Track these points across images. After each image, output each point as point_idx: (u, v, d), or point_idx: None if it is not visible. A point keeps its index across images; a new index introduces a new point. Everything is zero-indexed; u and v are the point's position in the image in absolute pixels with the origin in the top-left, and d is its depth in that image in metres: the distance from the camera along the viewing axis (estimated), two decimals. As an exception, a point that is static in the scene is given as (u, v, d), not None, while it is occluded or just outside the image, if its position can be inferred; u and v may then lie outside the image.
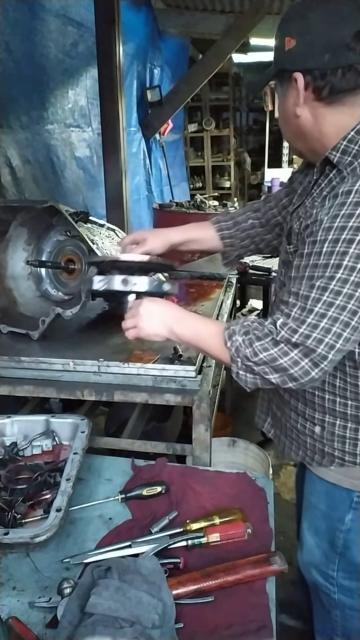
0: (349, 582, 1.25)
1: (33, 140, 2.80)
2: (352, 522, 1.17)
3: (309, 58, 0.90)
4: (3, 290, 1.64)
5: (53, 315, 1.47)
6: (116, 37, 3.02)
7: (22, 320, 1.59)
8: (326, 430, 1.10)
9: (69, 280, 1.66)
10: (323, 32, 0.88)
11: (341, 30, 0.87)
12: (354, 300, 0.84)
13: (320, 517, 1.24)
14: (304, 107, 0.94)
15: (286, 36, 0.92)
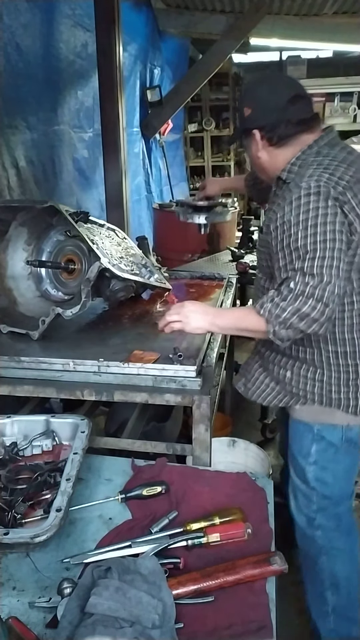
0: (327, 521, 1.45)
1: (38, 142, 2.80)
2: (317, 454, 1.40)
3: (262, 119, 1.33)
4: (3, 290, 1.64)
5: (53, 315, 1.47)
6: (116, 37, 3.02)
7: (22, 320, 1.59)
8: (294, 374, 1.38)
9: (69, 280, 1.67)
10: (269, 101, 1.32)
11: (280, 98, 1.31)
12: (330, 252, 1.16)
13: (296, 458, 1.46)
14: (262, 151, 1.37)
15: (244, 107, 1.36)
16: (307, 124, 1.32)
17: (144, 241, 2.13)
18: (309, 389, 1.36)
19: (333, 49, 5.27)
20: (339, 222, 1.17)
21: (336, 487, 1.43)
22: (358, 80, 4.53)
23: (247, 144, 1.42)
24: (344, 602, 1.48)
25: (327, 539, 1.45)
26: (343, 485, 1.44)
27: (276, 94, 1.32)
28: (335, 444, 1.37)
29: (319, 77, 4.53)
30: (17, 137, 2.58)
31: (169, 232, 3.64)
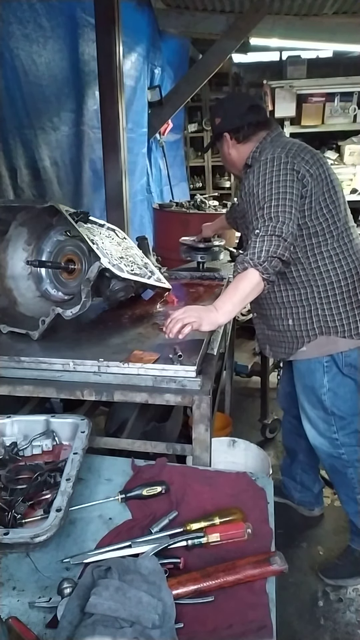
0: (348, 438, 1.74)
1: (63, 142, 2.81)
2: (329, 382, 1.69)
3: (229, 124, 1.73)
4: (3, 290, 1.64)
5: (53, 315, 1.47)
6: (116, 37, 3.01)
7: (22, 320, 1.59)
8: (295, 319, 1.68)
9: (69, 280, 1.67)
10: (234, 110, 1.73)
11: (241, 107, 1.73)
12: (283, 200, 1.48)
13: (309, 392, 1.75)
14: (232, 149, 1.76)
15: (215, 117, 1.79)
16: (263, 124, 1.72)
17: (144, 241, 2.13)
18: (310, 327, 1.64)
19: (333, 49, 5.27)
20: (289, 180, 1.50)
21: (348, 407, 1.71)
22: (358, 80, 4.52)
23: (220, 146, 1.81)
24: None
25: (351, 453, 1.76)
26: (352, 404, 1.72)
27: (238, 105, 1.75)
28: (340, 370, 1.66)
29: (319, 77, 4.53)
30: (39, 137, 2.59)
31: (169, 232, 3.64)
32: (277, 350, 1.79)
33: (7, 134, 2.30)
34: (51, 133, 2.70)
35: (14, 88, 2.35)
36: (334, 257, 1.62)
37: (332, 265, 1.61)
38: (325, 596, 1.82)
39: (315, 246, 1.61)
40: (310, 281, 1.63)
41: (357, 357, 1.67)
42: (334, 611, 1.80)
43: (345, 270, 1.62)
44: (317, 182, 1.56)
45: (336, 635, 1.71)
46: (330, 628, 1.74)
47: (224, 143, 1.76)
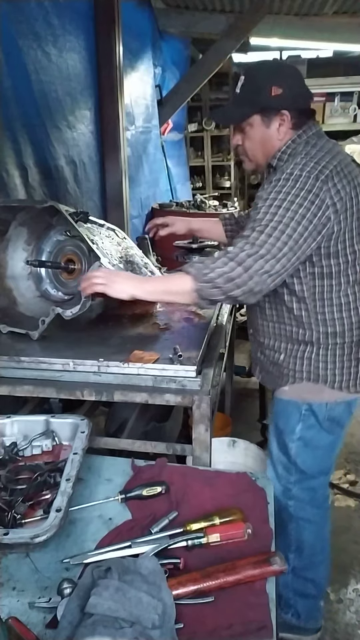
0: (302, 493, 1.54)
1: (79, 140, 2.81)
2: (301, 431, 1.47)
3: (295, 102, 1.35)
4: (3, 290, 1.63)
5: (53, 315, 1.47)
6: (116, 37, 3.01)
7: (22, 320, 1.59)
8: (286, 355, 1.44)
9: (69, 280, 1.66)
10: (300, 87, 1.37)
11: (304, 86, 1.38)
12: (279, 236, 1.21)
13: (279, 432, 1.54)
14: (280, 134, 1.37)
15: (273, 85, 1.32)
16: (313, 114, 1.42)
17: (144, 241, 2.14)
18: (297, 368, 1.42)
19: (333, 49, 5.27)
20: (308, 215, 1.21)
21: (315, 463, 1.51)
22: (358, 80, 4.54)
23: (265, 124, 1.37)
24: (303, 564, 1.59)
25: (299, 509, 1.55)
26: (322, 461, 1.53)
27: (301, 79, 1.39)
28: (319, 422, 1.45)
29: (319, 77, 4.54)
30: (55, 135, 2.57)
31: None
32: (265, 377, 1.57)
33: (16, 132, 2.29)
34: (67, 131, 2.68)
35: (23, 86, 2.33)
36: (345, 306, 1.37)
37: (341, 314, 1.37)
38: (326, 596, 1.82)
39: (326, 289, 1.35)
40: (312, 324, 1.38)
41: (342, 412, 1.46)
42: (334, 611, 1.80)
43: (354, 321, 1.39)
44: (345, 216, 1.27)
45: (336, 635, 1.71)
46: (330, 628, 1.74)
47: (274, 122, 1.36)
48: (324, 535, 1.62)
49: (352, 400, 1.46)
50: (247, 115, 1.38)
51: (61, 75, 2.61)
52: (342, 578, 1.92)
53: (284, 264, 1.22)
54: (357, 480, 2.49)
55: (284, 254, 1.21)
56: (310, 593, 1.62)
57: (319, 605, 1.66)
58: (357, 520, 2.25)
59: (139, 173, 3.73)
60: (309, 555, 1.58)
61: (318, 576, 1.62)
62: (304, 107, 1.37)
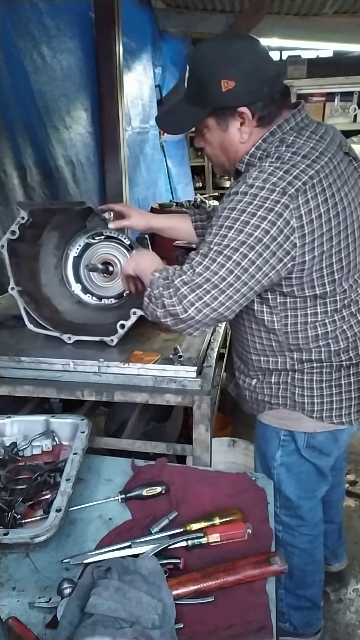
0: (289, 519, 1.43)
1: (76, 141, 2.81)
2: (281, 457, 1.36)
3: (252, 93, 1.07)
4: (43, 300, 1.55)
5: (135, 318, 1.40)
6: (116, 37, 3.01)
7: (72, 327, 1.51)
8: (259, 381, 1.31)
9: (105, 283, 1.62)
10: (259, 71, 1.07)
11: (269, 67, 1.09)
12: (238, 272, 1.03)
13: (262, 457, 1.43)
14: (244, 134, 1.11)
15: (222, 79, 1.05)
16: (286, 99, 1.13)
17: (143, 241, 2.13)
18: (274, 393, 1.29)
19: (333, 49, 5.26)
20: (262, 238, 1.00)
21: (298, 490, 1.39)
22: (358, 80, 4.53)
23: (221, 128, 1.12)
24: (295, 585, 1.53)
25: (288, 535, 1.46)
26: (308, 488, 1.41)
27: (264, 63, 1.09)
28: (299, 450, 1.33)
29: (319, 77, 4.54)
30: (54, 136, 2.58)
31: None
32: (239, 399, 1.44)
33: (15, 132, 2.29)
34: (64, 132, 2.69)
35: (22, 86, 2.34)
36: (322, 336, 1.17)
37: (317, 344, 1.19)
38: (326, 597, 1.82)
39: (300, 320, 1.16)
40: (284, 353, 1.23)
41: (324, 440, 1.31)
42: (334, 612, 1.80)
43: (332, 350, 1.19)
44: (322, 241, 1.05)
45: (336, 635, 1.71)
46: (331, 628, 1.73)
47: (233, 124, 1.10)
48: (316, 558, 1.53)
49: (337, 430, 1.30)
50: (197, 119, 1.13)
51: (56, 76, 2.61)
52: (342, 578, 1.92)
53: (230, 296, 1.04)
54: (357, 480, 2.49)
55: (230, 285, 1.02)
56: (305, 606, 1.57)
57: (315, 614, 1.61)
58: (357, 520, 2.25)
59: (136, 173, 3.74)
60: (299, 577, 1.51)
61: (311, 593, 1.56)
62: (271, 94, 1.08)
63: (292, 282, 1.10)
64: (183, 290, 1.05)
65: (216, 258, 1.02)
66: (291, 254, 1.03)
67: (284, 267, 1.05)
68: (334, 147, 1.12)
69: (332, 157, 1.09)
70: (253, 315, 1.21)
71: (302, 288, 1.11)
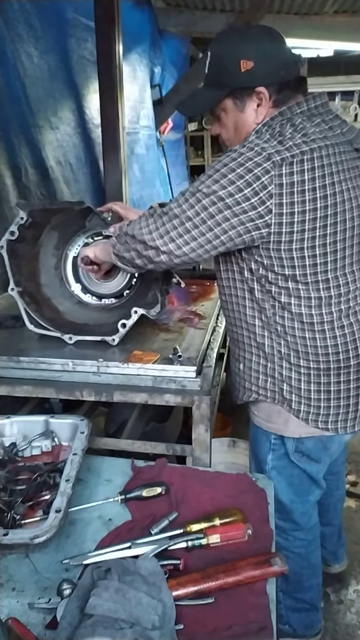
0: (282, 523, 1.40)
1: (63, 141, 2.81)
2: (272, 461, 1.36)
3: (273, 75, 1.12)
4: (44, 301, 1.55)
5: (136, 317, 1.40)
6: (116, 37, 3.01)
7: (74, 327, 1.51)
8: (245, 366, 1.29)
9: (105, 283, 1.62)
10: (276, 54, 1.12)
11: (285, 52, 1.14)
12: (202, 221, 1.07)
13: (255, 460, 1.43)
14: (259, 114, 1.15)
15: (241, 59, 1.10)
16: (302, 85, 1.17)
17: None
18: (260, 384, 1.27)
19: (333, 48, 5.27)
20: (235, 193, 1.02)
21: (291, 493, 1.38)
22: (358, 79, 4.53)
23: (238, 108, 1.16)
24: (292, 588, 1.52)
25: (282, 539, 1.43)
26: (300, 493, 1.40)
27: (281, 47, 1.14)
28: (287, 455, 1.32)
29: (320, 76, 4.54)
30: (44, 136, 2.58)
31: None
32: (230, 386, 1.43)
33: (9, 132, 2.30)
34: (51, 132, 2.70)
35: (16, 86, 2.34)
36: (308, 327, 1.15)
37: (304, 339, 1.17)
38: (326, 597, 1.82)
39: (280, 306, 1.15)
40: (272, 333, 1.21)
41: (312, 447, 1.29)
42: (335, 612, 1.80)
43: (330, 345, 1.16)
44: (306, 211, 1.04)
45: (336, 636, 1.71)
46: (331, 629, 1.73)
47: (250, 104, 1.13)
48: (312, 562, 1.52)
49: (326, 437, 1.27)
50: (215, 100, 1.16)
51: (44, 76, 2.61)
52: (343, 579, 1.92)
53: (194, 237, 1.08)
54: (357, 480, 2.49)
55: (195, 226, 1.07)
56: (304, 608, 1.57)
57: (314, 616, 1.60)
58: (357, 520, 2.25)
59: (129, 174, 3.70)
60: (296, 581, 1.51)
61: (309, 596, 1.55)
62: (287, 78, 1.12)
63: (271, 253, 1.10)
64: (157, 222, 1.12)
65: (188, 198, 1.08)
66: (265, 219, 1.05)
67: (256, 229, 1.06)
68: (341, 138, 1.13)
69: (336, 145, 1.09)
70: (247, 285, 1.20)
71: (282, 265, 1.11)
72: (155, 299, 1.44)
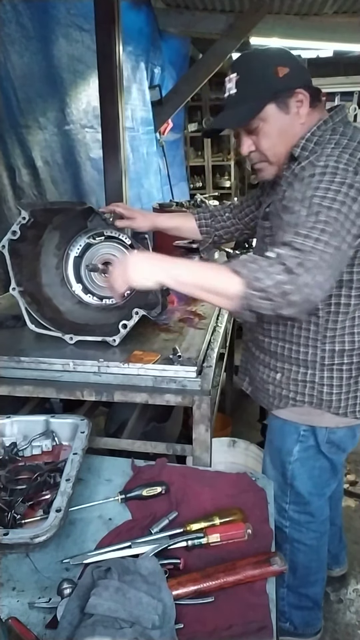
0: (298, 515, 1.47)
1: (51, 141, 2.81)
2: (298, 453, 1.40)
3: (303, 77, 1.22)
4: (45, 301, 1.54)
5: (137, 318, 1.40)
6: (116, 37, 3.01)
7: (75, 327, 1.51)
8: (284, 375, 1.35)
9: (107, 283, 1.61)
10: (301, 64, 1.24)
11: (302, 63, 1.25)
12: (328, 240, 1.02)
13: (275, 451, 1.46)
14: (300, 116, 1.21)
15: (277, 66, 1.17)
16: (319, 92, 1.26)
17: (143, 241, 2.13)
18: (299, 390, 1.33)
19: (333, 49, 5.27)
20: (348, 213, 1.04)
21: (313, 486, 1.44)
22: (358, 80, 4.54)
23: (275, 113, 1.19)
24: (298, 582, 1.55)
25: (294, 531, 1.49)
26: (320, 485, 1.45)
27: (298, 59, 1.23)
28: (318, 445, 1.37)
29: (319, 77, 4.54)
30: (33, 137, 2.59)
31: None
32: (257, 394, 1.47)
33: (3, 132, 2.30)
34: (39, 133, 2.70)
35: (8, 87, 2.35)
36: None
37: (352, 331, 1.25)
38: (326, 597, 1.82)
39: (342, 304, 1.22)
40: (318, 341, 1.27)
41: (343, 436, 1.37)
42: (334, 612, 1.80)
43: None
44: None
45: (336, 635, 1.72)
46: (331, 629, 1.74)
47: (292, 105, 1.19)
48: (321, 556, 1.56)
49: (357, 425, 1.37)
50: (258, 108, 1.18)
51: (31, 76, 2.60)
52: (343, 578, 1.92)
53: (335, 270, 1.04)
54: (357, 480, 2.49)
55: (334, 258, 1.02)
56: (306, 606, 1.59)
57: (316, 614, 1.63)
58: (357, 520, 2.25)
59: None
60: (303, 575, 1.54)
61: (313, 592, 1.59)
62: (311, 84, 1.23)
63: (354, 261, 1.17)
64: (300, 271, 0.98)
65: (319, 236, 1.02)
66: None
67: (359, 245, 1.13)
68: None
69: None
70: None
71: (352, 264, 1.18)
72: (156, 300, 1.44)
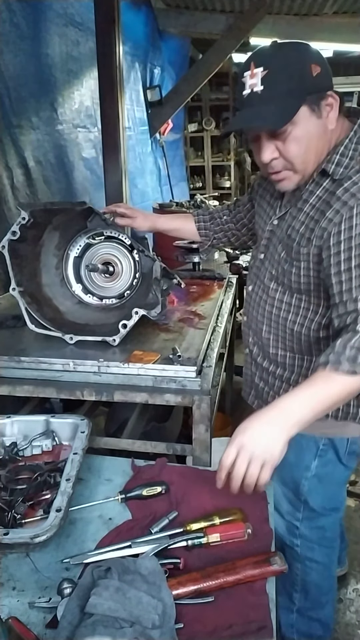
0: (309, 532, 1.40)
1: (44, 141, 2.82)
2: (317, 468, 1.32)
3: (330, 79, 1.08)
4: (45, 300, 1.54)
5: (137, 317, 1.39)
6: (116, 37, 3.02)
7: (75, 327, 1.51)
8: None
9: (106, 284, 1.62)
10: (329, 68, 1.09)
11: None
12: None
13: (287, 468, 1.31)
14: (330, 122, 1.09)
15: (311, 63, 1.03)
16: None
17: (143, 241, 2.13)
18: None
19: (333, 49, 5.27)
20: None
21: (327, 500, 1.38)
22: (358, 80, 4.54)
23: (307, 116, 1.06)
24: (309, 605, 1.49)
25: (306, 549, 1.41)
26: (334, 498, 1.40)
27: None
28: (339, 457, 1.31)
29: (319, 77, 4.54)
30: (25, 137, 2.59)
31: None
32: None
33: (0, 133, 2.31)
34: (31, 132, 2.70)
35: (1, 87, 2.36)
36: None
37: None
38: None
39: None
40: None
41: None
42: (334, 611, 1.80)
43: None
44: None
45: (336, 635, 1.71)
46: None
47: (324, 108, 1.07)
48: (332, 573, 1.51)
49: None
50: (294, 110, 1.03)
51: (23, 76, 2.61)
52: (343, 578, 1.92)
53: None
54: (357, 480, 2.49)
55: None
56: (316, 634, 1.51)
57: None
58: (357, 520, 2.25)
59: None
60: (315, 595, 1.47)
61: (325, 615, 1.52)
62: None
63: None
64: None
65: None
66: None
67: None
68: None
69: None
70: (323, 315, 1.17)
71: None
72: (155, 300, 1.45)
